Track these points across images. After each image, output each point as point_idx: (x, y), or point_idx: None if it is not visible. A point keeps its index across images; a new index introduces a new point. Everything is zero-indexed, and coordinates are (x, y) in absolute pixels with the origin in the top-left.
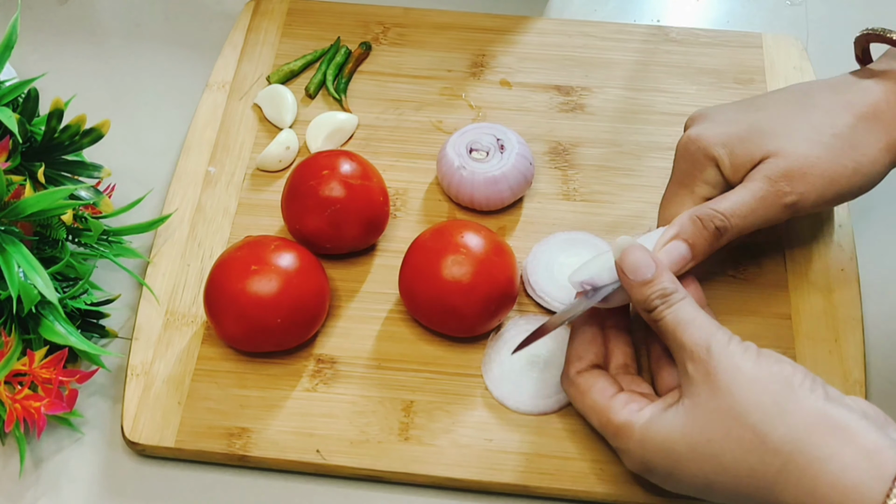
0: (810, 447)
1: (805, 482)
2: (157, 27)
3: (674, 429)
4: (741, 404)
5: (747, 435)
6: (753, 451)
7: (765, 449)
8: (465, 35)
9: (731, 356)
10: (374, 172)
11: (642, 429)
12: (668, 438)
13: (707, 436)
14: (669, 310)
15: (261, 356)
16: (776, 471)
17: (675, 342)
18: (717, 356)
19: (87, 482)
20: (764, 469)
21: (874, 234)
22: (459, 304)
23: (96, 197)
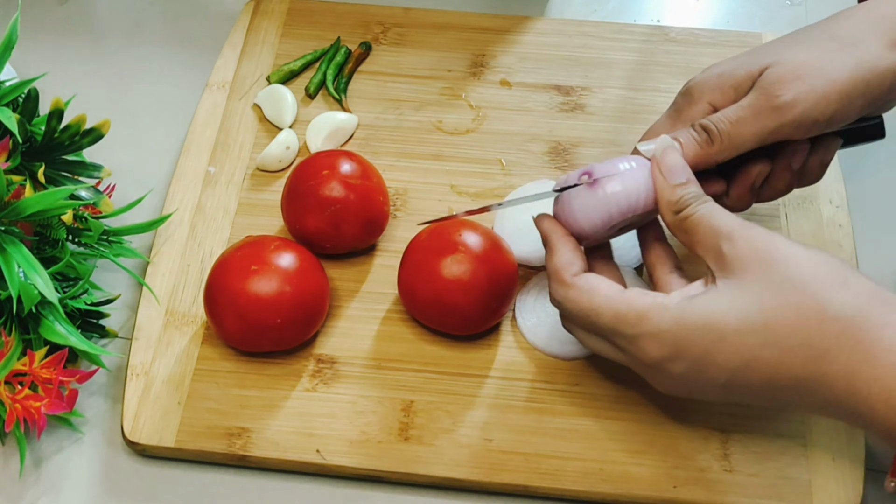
0: (871, 314)
1: (861, 347)
2: (157, 27)
3: (718, 304)
4: (801, 275)
5: (808, 302)
6: (812, 318)
7: (825, 316)
8: (465, 35)
9: (780, 237)
10: (374, 172)
11: (678, 307)
12: (714, 312)
13: (760, 306)
14: (703, 205)
15: (261, 356)
16: (833, 336)
17: (709, 230)
18: (764, 236)
19: (87, 482)
20: (820, 335)
21: (874, 234)
22: (459, 302)
23: (96, 197)
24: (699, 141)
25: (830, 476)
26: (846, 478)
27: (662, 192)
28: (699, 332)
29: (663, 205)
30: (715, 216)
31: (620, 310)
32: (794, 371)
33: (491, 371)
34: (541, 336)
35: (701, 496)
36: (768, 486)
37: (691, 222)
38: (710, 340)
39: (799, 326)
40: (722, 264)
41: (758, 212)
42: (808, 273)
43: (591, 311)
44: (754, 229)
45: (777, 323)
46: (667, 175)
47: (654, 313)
